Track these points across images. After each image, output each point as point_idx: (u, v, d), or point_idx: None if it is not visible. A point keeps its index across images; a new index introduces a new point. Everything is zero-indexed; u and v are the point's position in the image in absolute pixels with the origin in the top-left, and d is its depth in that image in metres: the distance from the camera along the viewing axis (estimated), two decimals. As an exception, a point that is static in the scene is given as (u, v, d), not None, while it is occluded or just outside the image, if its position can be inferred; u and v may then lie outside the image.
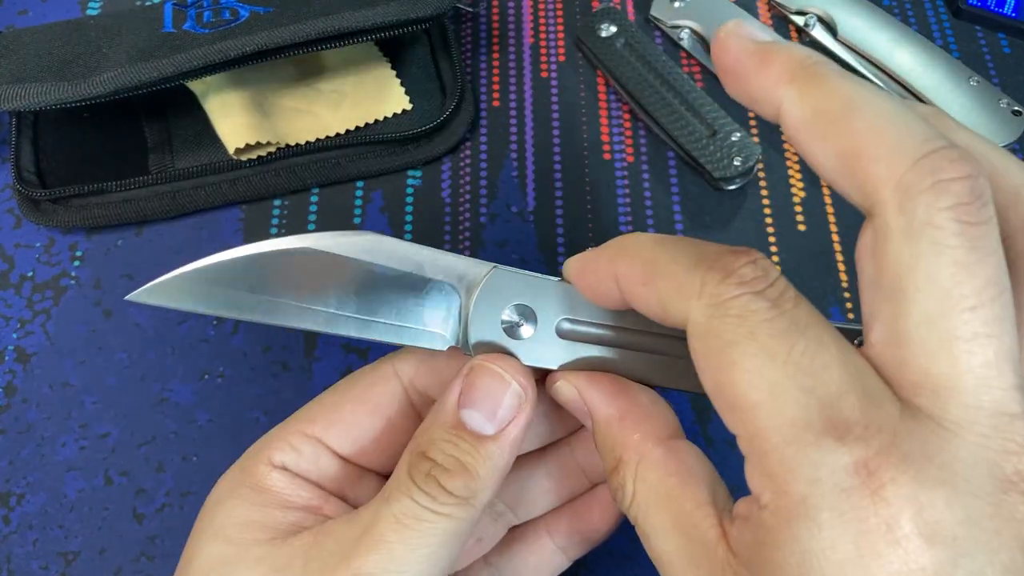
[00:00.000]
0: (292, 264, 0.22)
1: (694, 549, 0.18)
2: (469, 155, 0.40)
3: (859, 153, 0.16)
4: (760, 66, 0.18)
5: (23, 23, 0.43)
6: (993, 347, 0.16)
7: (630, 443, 0.21)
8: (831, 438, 0.16)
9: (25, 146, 0.38)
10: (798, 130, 0.17)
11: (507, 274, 0.23)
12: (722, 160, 0.37)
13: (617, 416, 0.21)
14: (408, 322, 0.23)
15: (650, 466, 0.20)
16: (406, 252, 0.22)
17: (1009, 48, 0.42)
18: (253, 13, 0.37)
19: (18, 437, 0.33)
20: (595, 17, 0.41)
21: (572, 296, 0.22)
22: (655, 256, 0.19)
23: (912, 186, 0.16)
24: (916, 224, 0.16)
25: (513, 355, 0.22)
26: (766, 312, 0.17)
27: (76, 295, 0.36)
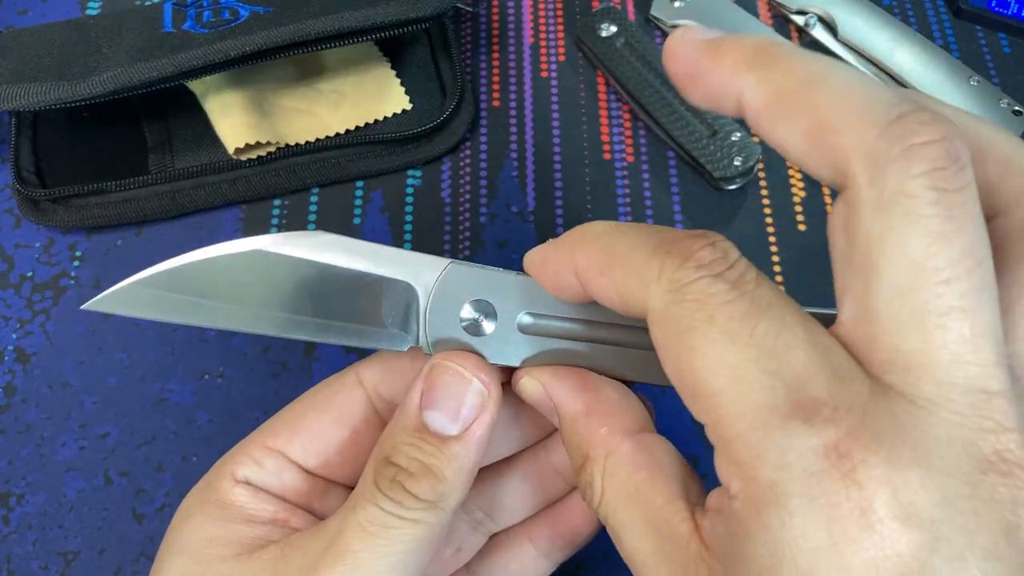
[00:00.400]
0: (244, 268, 0.21)
1: (666, 545, 0.18)
2: (469, 155, 0.40)
3: (825, 127, 0.16)
4: (714, 61, 0.17)
5: (23, 23, 0.43)
6: (969, 321, 0.15)
7: (597, 438, 0.20)
8: (798, 421, 0.15)
9: (25, 146, 0.38)
10: (761, 115, 0.17)
11: (465, 269, 0.22)
12: (722, 160, 0.37)
13: (583, 411, 0.20)
14: (366, 323, 0.22)
15: (618, 461, 0.19)
16: (360, 250, 0.22)
17: (1009, 48, 0.42)
18: (253, 13, 0.37)
19: (18, 437, 0.33)
20: (595, 17, 0.41)
21: (533, 289, 0.21)
22: (613, 244, 0.18)
23: (882, 154, 0.15)
24: (888, 194, 0.15)
25: (476, 352, 0.22)
26: (726, 294, 0.16)
27: (76, 295, 0.36)
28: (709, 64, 0.18)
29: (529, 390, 0.22)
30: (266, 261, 0.21)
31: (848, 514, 0.14)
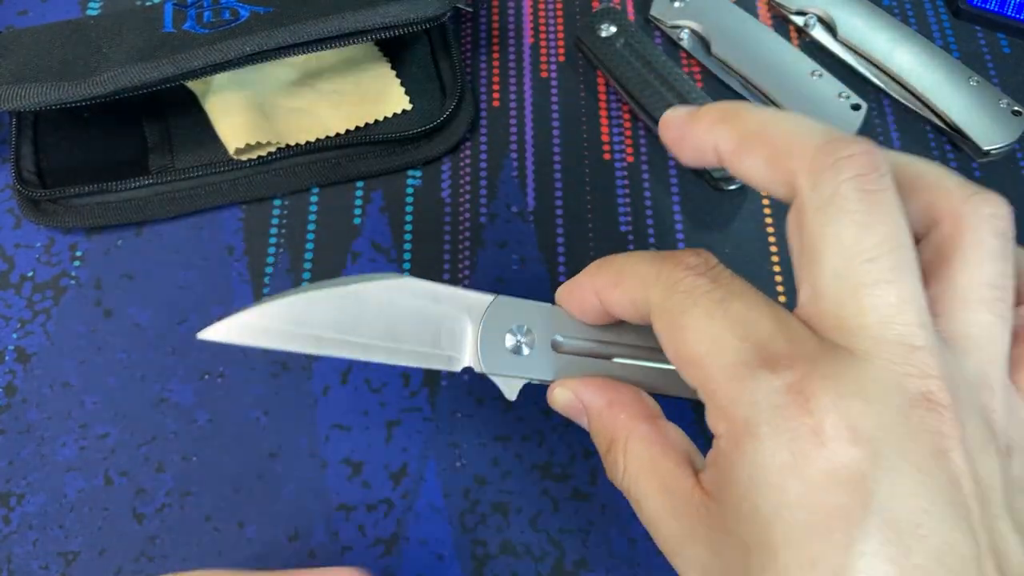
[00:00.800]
0: (334, 304, 0.26)
1: (676, 502, 0.21)
2: (469, 155, 0.40)
3: (778, 155, 0.20)
4: (695, 124, 0.23)
5: (23, 23, 0.43)
6: (894, 291, 0.19)
7: (619, 423, 0.24)
8: (765, 370, 0.19)
9: (25, 146, 0.38)
10: (732, 155, 0.22)
11: (507, 301, 0.26)
12: (722, 160, 0.37)
13: (606, 404, 0.24)
14: (427, 347, 0.26)
15: (636, 440, 0.23)
16: (424, 288, 0.26)
17: (1009, 48, 0.42)
18: (253, 13, 0.37)
19: (18, 437, 0.33)
20: (595, 17, 0.41)
21: (563, 317, 0.26)
22: (623, 265, 0.23)
23: (819, 167, 0.20)
24: (824, 196, 0.19)
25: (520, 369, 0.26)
26: (707, 286, 0.21)
27: (76, 295, 0.36)
28: (692, 128, 0.23)
29: (560, 397, 0.25)
30: (352, 298, 0.26)
31: (805, 436, 0.18)
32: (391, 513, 0.32)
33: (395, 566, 0.31)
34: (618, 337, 0.26)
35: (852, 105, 0.39)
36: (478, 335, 0.26)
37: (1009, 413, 0.20)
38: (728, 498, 0.20)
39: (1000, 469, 0.19)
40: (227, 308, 0.36)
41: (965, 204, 0.21)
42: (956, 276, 0.20)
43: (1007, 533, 0.19)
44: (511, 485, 0.32)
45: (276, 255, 0.37)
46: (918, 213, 0.21)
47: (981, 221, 0.20)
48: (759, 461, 0.19)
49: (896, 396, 0.18)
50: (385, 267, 0.37)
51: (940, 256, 0.21)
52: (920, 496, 0.18)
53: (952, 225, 0.21)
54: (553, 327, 0.26)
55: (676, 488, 0.21)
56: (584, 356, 0.26)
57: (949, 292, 0.20)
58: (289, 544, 0.31)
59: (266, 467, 0.32)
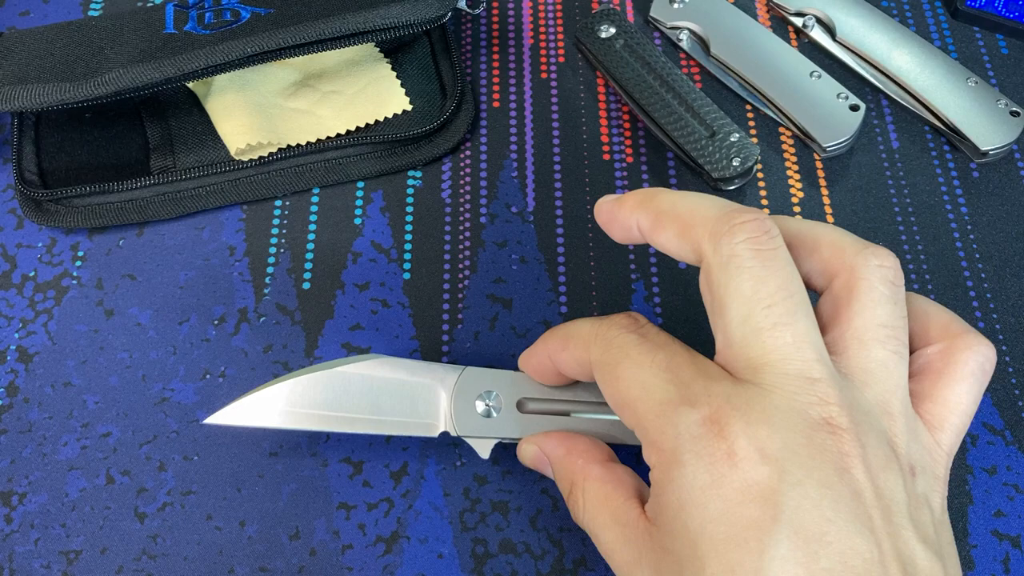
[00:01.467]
0: (323, 385, 0.29)
1: (626, 532, 0.24)
2: (469, 155, 0.40)
3: (686, 227, 0.24)
4: (620, 207, 0.26)
5: (25, 24, 0.43)
6: (790, 332, 0.22)
7: (576, 468, 0.27)
8: (686, 406, 0.22)
9: (27, 146, 0.38)
10: (651, 230, 0.25)
11: (475, 372, 0.30)
12: (721, 161, 0.37)
13: (565, 453, 0.27)
14: (407, 417, 0.29)
15: (592, 480, 0.26)
16: (401, 365, 0.30)
17: (1007, 49, 0.42)
18: (254, 14, 0.37)
19: (20, 437, 0.33)
20: (595, 18, 0.42)
21: (525, 381, 0.30)
22: (568, 330, 0.27)
23: (718, 233, 0.23)
24: (724, 257, 0.23)
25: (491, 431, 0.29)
26: (636, 341, 0.24)
27: (78, 295, 0.36)
28: (618, 211, 0.26)
29: (527, 453, 0.29)
30: (342, 379, 0.29)
31: (720, 458, 0.21)
32: (391, 512, 0.32)
33: (395, 564, 0.31)
34: (574, 395, 0.29)
35: (851, 106, 0.39)
36: (451, 403, 0.29)
37: (912, 438, 0.23)
38: (664, 521, 0.22)
39: (903, 485, 0.22)
40: (228, 308, 0.36)
41: (857, 257, 0.24)
42: (853, 319, 0.23)
43: (912, 541, 0.21)
44: (511, 484, 0.32)
45: (277, 255, 0.37)
46: (819, 269, 0.25)
47: (871, 271, 0.23)
48: (684, 484, 0.21)
49: (799, 421, 0.21)
50: (386, 267, 0.37)
51: (838, 304, 0.24)
52: (824, 507, 0.20)
53: (847, 277, 0.24)
54: (517, 391, 0.29)
55: (625, 519, 0.24)
56: (546, 414, 0.29)
57: (848, 333, 0.23)
58: (290, 543, 0.31)
59: (267, 466, 0.33)
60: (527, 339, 0.35)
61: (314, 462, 0.33)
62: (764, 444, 0.21)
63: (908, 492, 0.22)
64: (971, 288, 0.36)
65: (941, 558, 0.22)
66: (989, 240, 0.37)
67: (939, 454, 0.24)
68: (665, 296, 0.36)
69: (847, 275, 0.24)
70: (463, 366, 0.30)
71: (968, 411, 0.24)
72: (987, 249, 0.37)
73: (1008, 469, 0.32)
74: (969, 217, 0.38)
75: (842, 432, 0.21)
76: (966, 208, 0.38)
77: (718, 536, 0.21)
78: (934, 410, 0.24)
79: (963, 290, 0.36)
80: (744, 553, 0.20)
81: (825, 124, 0.39)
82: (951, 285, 0.36)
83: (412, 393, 0.30)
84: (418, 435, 0.29)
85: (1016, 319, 0.35)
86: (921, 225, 0.38)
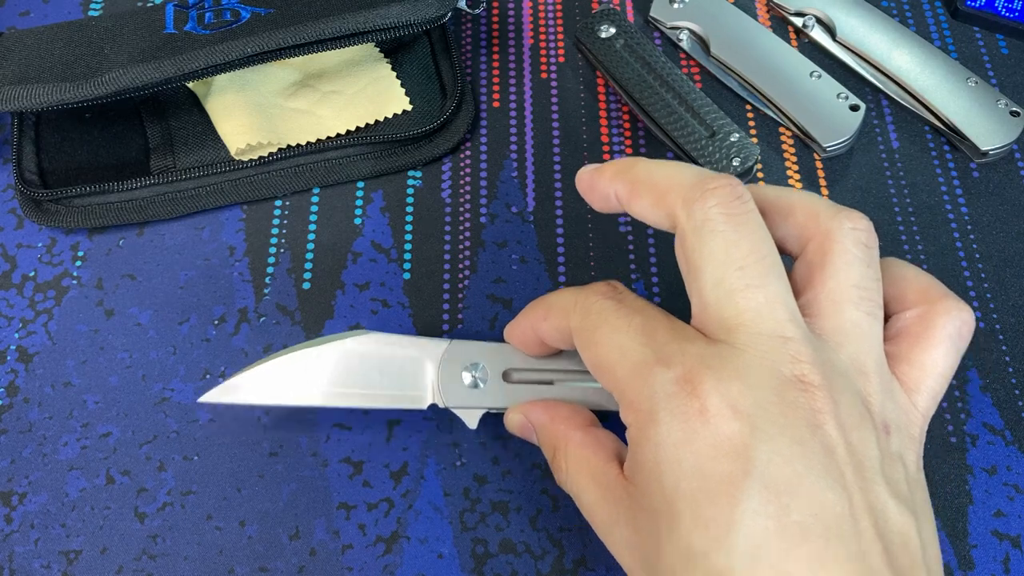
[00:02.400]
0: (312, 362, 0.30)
1: (605, 492, 0.25)
2: (469, 155, 0.40)
3: (661, 195, 0.24)
4: (599, 176, 0.27)
5: (25, 24, 0.43)
6: (763, 293, 0.22)
7: (559, 433, 0.27)
8: (660, 366, 0.22)
9: (27, 146, 0.38)
10: (628, 198, 0.26)
11: (461, 344, 0.30)
12: (721, 161, 0.37)
13: (549, 419, 0.28)
14: (396, 391, 0.30)
15: (574, 445, 0.26)
16: (388, 340, 0.30)
17: (1007, 49, 0.42)
18: (254, 14, 0.37)
19: (20, 437, 0.33)
20: (595, 18, 0.42)
21: (511, 353, 0.30)
22: (550, 300, 0.27)
23: (691, 199, 0.23)
24: (697, 222, 0.23)
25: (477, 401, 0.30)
26: (613, 307, 0.25)
27: (78, 295, 0.36)
28: (597, 181, 0.27)
29: (513, 421, 0.29)
30: (331, 355, 0.30)
31: (693, 415, 0.21)
32: (391, 512, 0.32)
33: (395, 564, 0.31)
34: (557, 364, 0.30)
35: (851, 106, 0.39)
36: (438, 376, 0.30)
37: (887, 397, 0.23)
38: (640, 479, 0.23)
39: (876, 441, 0.22)
40: (228, 308, 0.36)
41: (831, 221, 0.24)
42: (827, 281, 0.24)
43: (884, 496, 0.22)
44: (511, 484, 0.32)
45: (277, 255, 0.37)
46: (793, 234, 0.25)
47: (845, 234, 0.24)
48: (659, 441, 0.22)
49: (771, 379, 0.21)
50: (386, 267, 0.37)
51: (812, 267, 0.24)
52: (795, 462, 0.21)
53: (821, 240, 0.24)
54: (503, 362, 0.30)
55: (605, 480, 0.25)
56: (531, 384, 0.30)
57: (822, 295, 0.24)
58: (290, 543, 0.31)
59: (267, 466, 0.33)
60: (527, 339, 0.35)
61: (314, 462, 0.33)
62: (736, 400, 0.21)
63: (881, 449, 0.22)
64: (971, 288, 0.36)
65: (914, 514, 0.22)
66: (989, 240, 0.37)
67: (914, 415, 0.24)
68: (665, 296, 0.36)
69: (821, 238, 0.24)
70: (449, 339, 0.31)
71: (945, 374, 0.25)
72: (987, 249, 0.37)
73: (1008, 469, 0.32)
74: (969, 217, 0.38)
75: (814, 389, 0.21)
76: (966, 208, 0.38)
77: (692, 491, 0.21)
78: (911, 372, 0.24)
79: (963, 290, 0.36)
80: (717, 507, 0.21)
81: (825, 124, 0.39)
82: (951, 285, 0.36)
83: (400, 367, 0.30)
84: (407, 407, 0.30)
85: (1016, 319, 0.35)
86: (921, 225, 0.38)
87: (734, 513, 0.20)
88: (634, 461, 0.23)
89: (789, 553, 0.20)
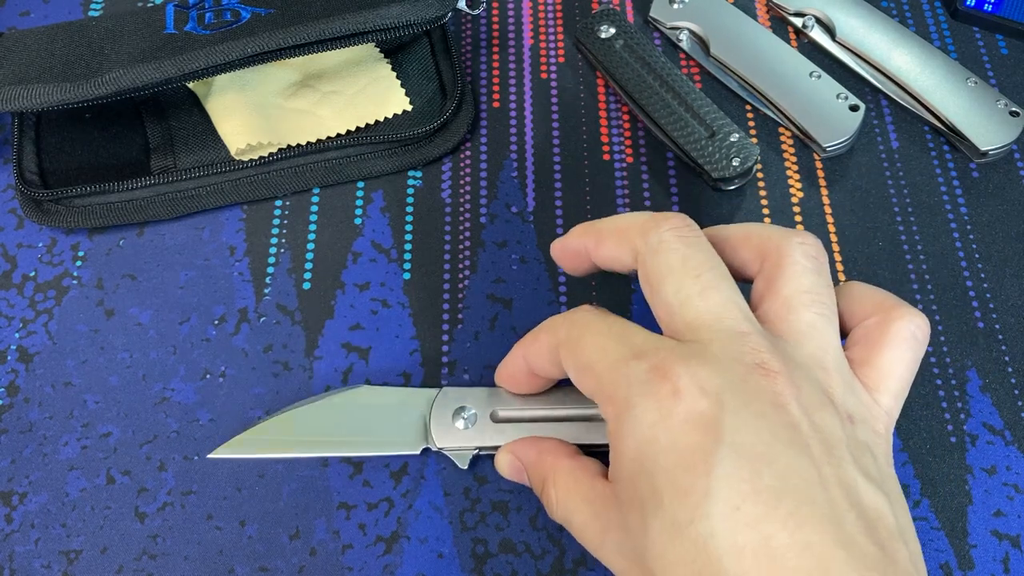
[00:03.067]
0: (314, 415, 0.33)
1: (594, 507, 0.26)
2: (469, 155, 0.40)
3: (622, 236, 0.28)
4: (568, 237, 0.30)
5: (25, 24, 0.43)
6: (718, 295, 0.25)
7: (547, 464, 0.29)
8: (636, 359, 0.24)
9: (27, 146, 0.38)
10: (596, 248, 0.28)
11: (451, 391, 0.33)
12: (721, 161, 0.37)
13: (536, 454, 0.29)
14: (392, 437, 0.32)
15: (561, 472, 0.28)
16: (383, 392, 0.33)
17: (1007, 49, 0.42)
18: (254, 15, 0.37)
19: (20, 436, 0.33)
20: (594, 18, 0.42)
21: (499, 395, 0.32)
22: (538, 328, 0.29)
23: (647, 230, 0.27)
24: (653, 245, 0.26)
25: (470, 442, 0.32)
26: (597, 316, 0.27)
27: (78, 295, 0.36)
28: (568, 241, 0.30)
29: (503, 462, 0.31)
30: (331, 408, 0.33)
31: (666, 396, 0.23)
32: (391, 512, 0.32)
33: (395, 564, 0.31)
34: (543, 404, 0.32)
35: (850, 106, 0.39)
36: (431, 420, 0.32)
37: (848, 391, 0.25)
38: (623, 471, 0.24)
39: (840, 425, 0.24)
40: (228, 308, 0.36)
41: (783, 240, 0.27)
42: (781, 290, 0.26)
43: (852, 472, 0.23)
44: (511, 484, 0.32)
45: (277, 255, 0.37)
46: (751, 257, 0.28)
47: (794, 248, 0.26)
48: (636, 424, 0.23)
49: (735, 365, 0.23)
50: (386, 267, 0.37)
51: (768, 280, 0.26)
52: (762, 432, 0.22)
53: (775, 257, 0.27)
54: (491, 404, 0.32)
55: (592, 495, 0.26)
56: (517, 422, 0.32)
57: (777, 303, 0.26)
58: (290, 542, 0.31)
59: (267, 466, 0.33)
60: (527, 339, 0.35)
61: (314, 462, 0.33)
62: (704, 382, 0.23)
63: (846, 433, 0.24)
64: (971, 288, 0.36)
65: (887, 496, 0.23)
66: (989, 240, 0.37)
67: (877, 411, 0.25)
68: (665, 296, 0.36)
69: (775, 256, 0.27)
70: (440, 388, 0.33)
71: (904, 376, 0.26)
72: (987, 249, 0.37)
73: (1008, 469, 0.32)
74: (969, 217, 0.38)
75: (775, 375, 0.23)
76: (966, 208, 0.38)
77: (669, 464, 0.22)
78: (871, 374, 0.26)
79: (963, 290, 0.36)
80: (693, 476, 0.22)
81: (825, 124, 0.39)
82: (951, 285, 0.36)
83: (395, 415, 0.33)
84: (404, 452, 0.32)
85: (1016, 319, 0.35)
86: (921, 225, 0.38)
87: (709, 479, 0.22)
88: (616, 455, 0.25)
89: (766, 515, 0.21)
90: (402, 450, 0.32)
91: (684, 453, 0.22)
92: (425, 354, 0.35)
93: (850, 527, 0.22)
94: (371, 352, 0.35)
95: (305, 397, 0.34)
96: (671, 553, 0.22)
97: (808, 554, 0.21)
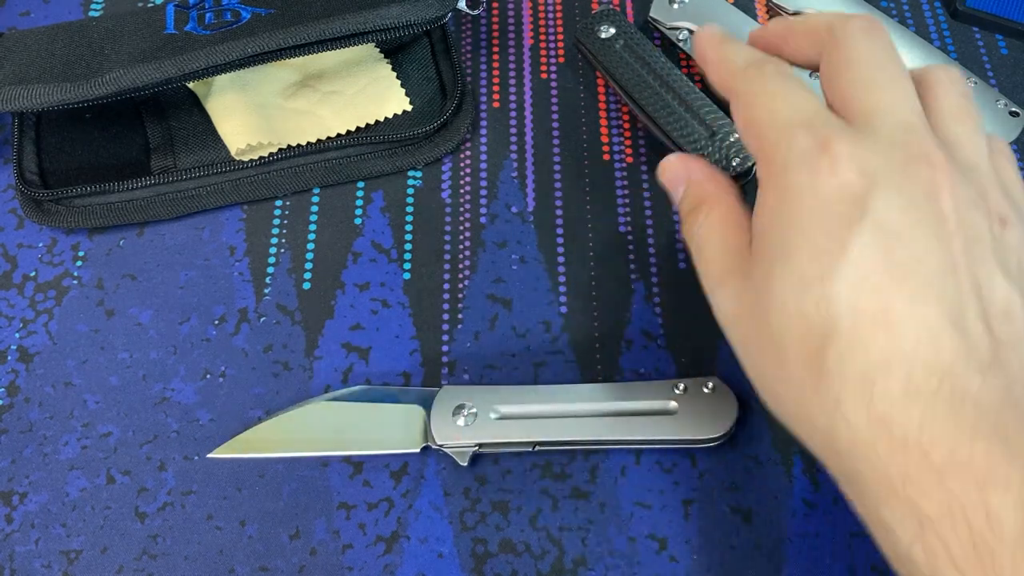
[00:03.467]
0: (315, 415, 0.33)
1: (730, 246, 0.27)
2: (469, 156, 0.40)
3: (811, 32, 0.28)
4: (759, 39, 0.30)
5: (25, 24, 0.43)
6: (895, 88, 0.25)
7: (710, 191, 0.29)
8: (803, 129, 0.25)
9: (27, 146, 0.38)
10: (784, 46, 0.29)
11: (451, 389, 0.33)
12: (721, 161, 0.37)
13: (705, 177, 0.30)
14: (393, 435, 0.32)
15: (721, 204, 0.29)
16: (383, 391, 0.34)
17: (1007, 49, 0.42)
18: (254, 15, 0.37)
19: (20, 436, 0.33)
20: (594, 18, 0.42)
21: (498, 393, 0.33)
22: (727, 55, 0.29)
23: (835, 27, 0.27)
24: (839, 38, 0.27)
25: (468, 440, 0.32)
26: (779, 75, 0.27)
27: (78, 295, 0.36)
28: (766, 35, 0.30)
29: (669, 166, 0.31)
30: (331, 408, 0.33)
31: (823, 168, 0.24)
32: (391, 512, 0.32)
33: (395, 564, 0.31)
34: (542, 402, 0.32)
35: (850, 106, 0.39)
36: (431, 419, 0.32)
37: (1004, 196, 0.25)
38: (763, 223, 0.25)
39: (988, 227, 0.24)
40: (228, 308, 0.36)
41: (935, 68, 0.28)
42: (941, 99, 0.27)
43: (990, 269, 0.23)
44: (511, 484, 0.32)
45: (277, 255, 0.37)
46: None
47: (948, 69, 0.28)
48: (787, 185, 0.24)
49: (900, 152, 0.24)
50: (386, 267, 0.37)
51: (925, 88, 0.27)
52: (907, 214, 0.23)
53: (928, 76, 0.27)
54: (490, 402, 0.32)
55: (733, 237, 0.27)
56: (519, 419, 0.32)
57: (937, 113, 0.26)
58: (290, 542, 0.31)
59: (267, 466, 0.33)
60: (527, 339, 0.35)
61: (314, 462, 0.33)
62: (864, 162, 0.23)
63: (993, 235, 0.24)
64: (971, 288, 0.36)
65: (1022, 293, 0.24)
66: (989, 240, 0.37)
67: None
68: (665, 296, 0.36)
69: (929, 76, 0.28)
70: (440, 387, 0.33)
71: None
72: (987, 249, 0.37)
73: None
74: (969, 217, 0.38)
75: (937, 167, 0.24)
76: (966, 208, 0.38)
77: (810, 226, 0.23)
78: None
79: (963, 290, 0.36)
80: (833, 240, 0.23)
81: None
82: (951, 285, 0.36)
83: (396, 414, 0.33)
84: (406, 450, 0.32)
85: (1015, 319, 0.35)
86: (921, 225, 0.38)
87: (846, 246, 0.23)
88: (760, 212, 0.26)
89: (891, 287, 0.22)
90: (402, 448, 0.32)
91: (828, 218, 0.23)
92: (425, 354, 0.35)
93: (971, 316, 0.22)
94: (371, 352, 0.35)
95: (305, 397, 0.34)
96: (792, 304, 0.23)
97: (923, 329, 0.22)
